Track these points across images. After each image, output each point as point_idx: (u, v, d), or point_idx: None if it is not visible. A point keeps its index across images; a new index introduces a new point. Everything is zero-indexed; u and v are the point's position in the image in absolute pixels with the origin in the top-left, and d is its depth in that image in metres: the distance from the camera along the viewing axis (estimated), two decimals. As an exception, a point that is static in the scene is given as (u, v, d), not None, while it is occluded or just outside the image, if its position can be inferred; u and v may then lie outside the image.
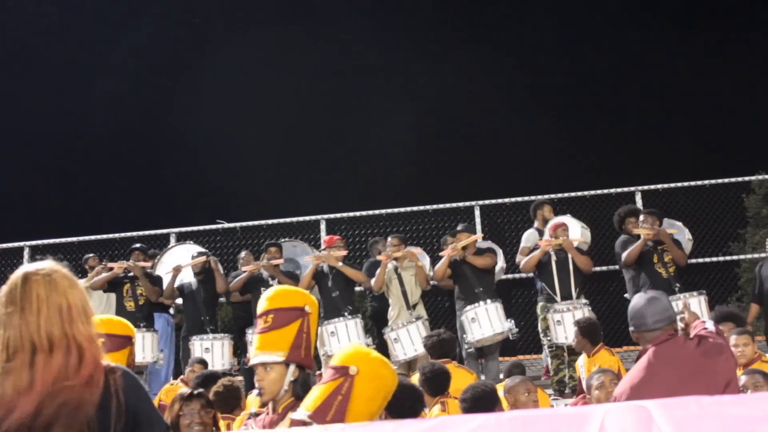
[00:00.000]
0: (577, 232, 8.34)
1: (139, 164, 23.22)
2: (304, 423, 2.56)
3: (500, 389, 5.47)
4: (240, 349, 8.04)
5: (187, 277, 8.16)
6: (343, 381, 2.66)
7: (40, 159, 22.11)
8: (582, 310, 7.12)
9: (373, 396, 2.70)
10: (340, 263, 7.64)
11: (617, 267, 8.42)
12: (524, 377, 5.20)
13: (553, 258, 7.50)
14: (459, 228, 7.81)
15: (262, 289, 7.43)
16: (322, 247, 8.18)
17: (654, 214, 7.69)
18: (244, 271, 7.97)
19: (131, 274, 7.86)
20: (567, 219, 8.37)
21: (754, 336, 5.87)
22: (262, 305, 2.96)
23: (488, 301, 7.21)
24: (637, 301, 3.36)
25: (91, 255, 8.97)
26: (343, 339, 7.25)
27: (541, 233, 8.35)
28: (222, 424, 3.89)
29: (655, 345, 3.21)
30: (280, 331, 2.86)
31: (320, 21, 23.99)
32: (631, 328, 3.32)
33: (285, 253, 8.74)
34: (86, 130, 22.17)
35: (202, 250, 8.59)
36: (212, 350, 7.41)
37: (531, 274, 8.46)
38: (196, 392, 3.40)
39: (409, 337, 7.18)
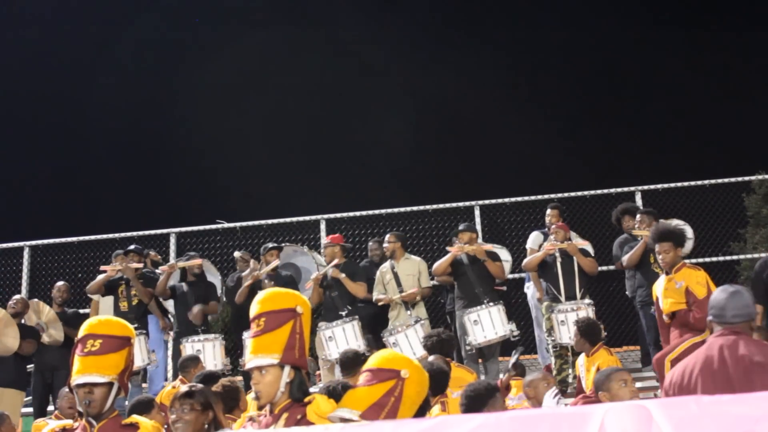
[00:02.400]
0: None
1: (139, 164, 23.22)
2: (345, 421, 2.57)
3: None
4: (240, 349, 8.04)
5: (179, 280, 8.17)
6: (396, 383, 2.74)
7: (40, 159, 22.11)
8: (585, 311, 7.12)
9: (416, 400, 2.80)
10: (343, 275, 7.63)
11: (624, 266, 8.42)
12: (543, 372, 5.26)
13: (558, 259, 7.51)
14: (461, 227, 7.83)
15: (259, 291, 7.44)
16: (326, 239, 8.15)
17: (651, 214, 7.69)
18: (242, 275, 7.98)
19: (126, 276, 7.90)
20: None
21: None
22: (254, 309, 2.96)
23: (491, 303, 7.22)
24: (720, 293, 3.40)
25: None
26: (341, 343, 7.24)
27: (546, 235, 8.36)
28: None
29: (715, 336, 3.27)
30: (273, 334, 2.86)
31: (320, 21, 24.00)
32: (709, 318, 3.40)
33: (285, 257, 8.74)
34: (86, 131, 22.17)
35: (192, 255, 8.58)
36: (204, 351, 7.38)
37: (523, 275, 8.48)
38: (187, 390, 3.39)
39: (408, 342, 7.17)
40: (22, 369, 7.48)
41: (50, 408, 7.72)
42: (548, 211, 8.58)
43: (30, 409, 7.85)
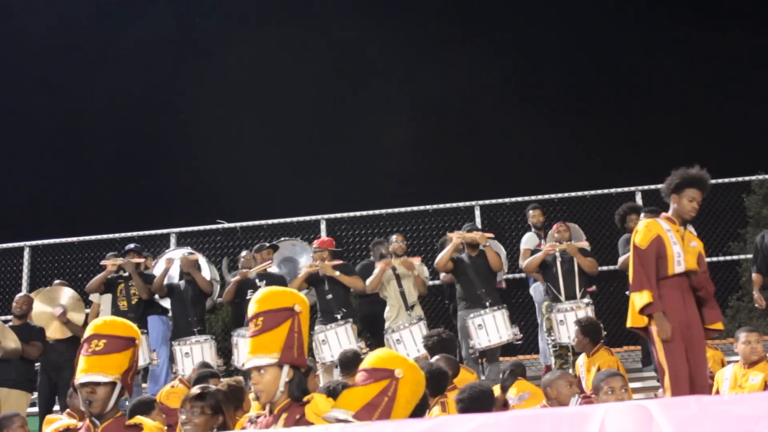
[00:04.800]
0: (581, 236, 8.34)
1: (139, 164, 23.22)
2: (339, 422, 2.57)
3: (498, 390, 5.50)
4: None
5: (177, 277, 8.18)
6: (390, 383, 2.72)
7: (40, 159, 22.12)
8: (585, 310, 7.13)
9: (411, 400, 2.78)
10: (337, 272, 7.63)
11: (618, 267, 8.42)
12: (564, 371, 5.24)
13: (558, 259, 7.53)
14: (466, 228, 7.86)
15: (250, 291, 7.44)
16: (314, 244, 8.15)
17: (656, 213, 7.67)
18: (237, 275, 7.99)
19: (126, 273, 7.90)
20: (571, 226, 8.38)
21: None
22: (251, 308, 2.95)
23: (495, 307, 7.26)
24: None
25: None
26: (334, 346, 7.25)
27: (538, 236, 8.37)
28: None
29: None
30: (271, 333, 2.86)
31: (320, 21, 23.99)
32: None
33: (284, 252, 8.71)
34: (86, 130, 22.16)
35: (192, 252, 8.56)
36: (192, 354, 7.40)
37: (524, 275, 8.48)
38: (198, 393, 3.40)
39: (412, 338, 7.19)
40: (28, 370, 7.46)
41: (55, 408, 7.72)
42: (531, 212, 8.60)
43: (36, 409, 7.86)
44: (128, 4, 23.89)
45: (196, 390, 3.44)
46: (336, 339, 7.31)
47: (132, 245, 8.54)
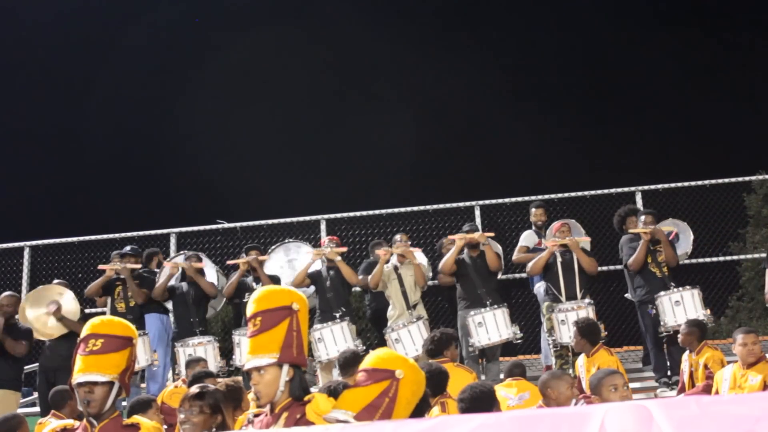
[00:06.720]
0: (580, 233, 8.35)
1: (139, 164, 23.22)
2: (340, 422, 2.56)
3: (500, 389, 5.49)
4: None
5: (179, 279, 8.18)
6: (391, 384, 2.70)
7: (40, 159, 22.11)
8: (586, 310, 7.13)
9: (412, 400, 2.76)
10: (338, 257, 7.67)
11: (617, 267, 8.42)
12: (563, 371, 5.22)
13: (559, 259, 7.54)
14: (465, 228, 7.87)
15: (247, 294, 7.46)
16: (327, 239, 8.23)
17: (652, 215, 7.72)
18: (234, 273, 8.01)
19: (123, 276, 7.92)
20: (571, 223, 8.39)
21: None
22: (250, 308, 2.94)
23: (495, 306, 7.26)
24: None
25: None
26: (330, 344, 7.26)
27: (538, 234, 8.37)
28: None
29: None
30: (269, 333, 2.84)
31: (320, 21, 24.00)
32: None
33: (289, 254, 8.74)
34: (86, 130, 22.17)
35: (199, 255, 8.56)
36: (196, 355, 7.42)
37: (525, 274, 8.48)
38: (198, 392, 3.39)
39: (410, 337, 7.21)
40: (16, 370, 7.45)
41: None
42: (534, 210, 8.61)
43: (37, 409, 7.86)
44: (128, 3, 23.91)
45: (195, 389, 3.43)
46: (332, 337, 7.32)
47: (129, 247, 8.55)
